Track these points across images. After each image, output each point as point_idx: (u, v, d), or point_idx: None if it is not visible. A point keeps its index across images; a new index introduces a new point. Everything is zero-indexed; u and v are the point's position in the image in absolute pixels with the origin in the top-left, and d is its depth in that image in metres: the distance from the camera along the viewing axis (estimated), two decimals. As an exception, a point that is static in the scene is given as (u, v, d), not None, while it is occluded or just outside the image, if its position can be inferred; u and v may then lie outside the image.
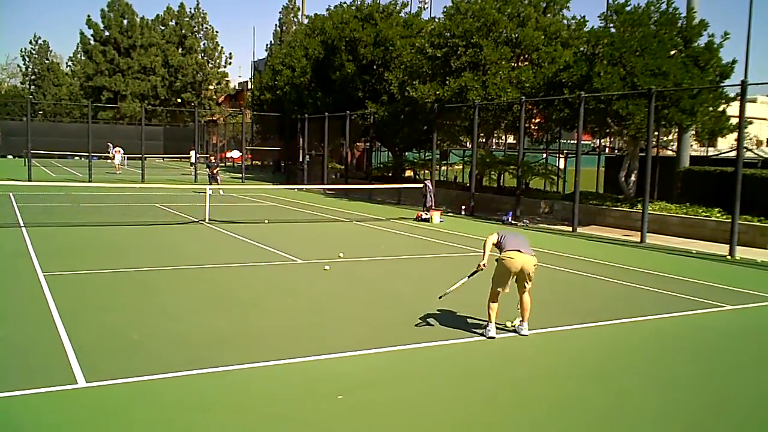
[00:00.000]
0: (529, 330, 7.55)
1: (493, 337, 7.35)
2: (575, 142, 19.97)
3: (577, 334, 7.86)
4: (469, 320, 8.03)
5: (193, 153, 43.88)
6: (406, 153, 32.81)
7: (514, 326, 7.68)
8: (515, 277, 7.38)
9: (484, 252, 7.50)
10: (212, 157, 29.08)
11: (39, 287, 9.24)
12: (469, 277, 7.78)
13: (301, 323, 7.93)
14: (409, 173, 32.80)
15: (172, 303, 8.80)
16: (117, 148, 43.72)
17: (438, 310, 8.42)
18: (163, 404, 5.37)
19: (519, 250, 7.34)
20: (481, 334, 7.40)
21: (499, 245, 7.52)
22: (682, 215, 17.72)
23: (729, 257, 14.21)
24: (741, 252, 14.47)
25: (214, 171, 27.34)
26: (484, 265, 7.48)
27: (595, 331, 8.03)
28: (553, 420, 5.32)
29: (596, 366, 6.76)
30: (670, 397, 5.90)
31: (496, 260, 7.44)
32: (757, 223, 15.97)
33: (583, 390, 6.05)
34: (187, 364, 6.20)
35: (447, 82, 23.39)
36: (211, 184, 24.59)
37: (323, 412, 5.30)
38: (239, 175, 39.81)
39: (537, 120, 25.27)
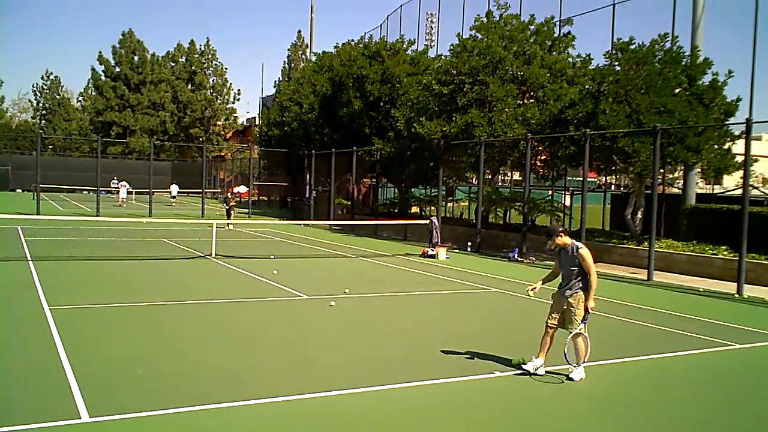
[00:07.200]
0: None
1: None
2: (581, 179, 20.01)
3: (585, 372, 7.76)
4: (475, 357, 7.98)
5: (174, 187, 46.81)
6: (413, 189, 32.96)
7: (519, 362, 7.62)
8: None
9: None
10: (228, 194, 30.38)
11: (44, 320, 9.24)
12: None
13: (305, 359, 7.88)
14: (415, 209, 32.85)
15: (176, 338, 8.78)
16: (122, 182, 44.79)
17: (445, 347, 8.36)
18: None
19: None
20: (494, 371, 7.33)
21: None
22: (689, 253, 17.65)
23: (737, 295, 14.11)
24: (749, 290, 14.37)
25: (231, 206, 28.48)
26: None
27: (602, 370, 7.95)
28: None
29: (602, 404, 6.68)
30: (679, 437, 5.81)
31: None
32: (765, 261, 15.89)
33: (588, 426, 5.97)
34: (189, 400, 6.16)
35: (453, 118, 23.57)
36: (227, 218, 26.11)
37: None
38: (246, 211, 39.95)
39: (543, 157, 25.38)
